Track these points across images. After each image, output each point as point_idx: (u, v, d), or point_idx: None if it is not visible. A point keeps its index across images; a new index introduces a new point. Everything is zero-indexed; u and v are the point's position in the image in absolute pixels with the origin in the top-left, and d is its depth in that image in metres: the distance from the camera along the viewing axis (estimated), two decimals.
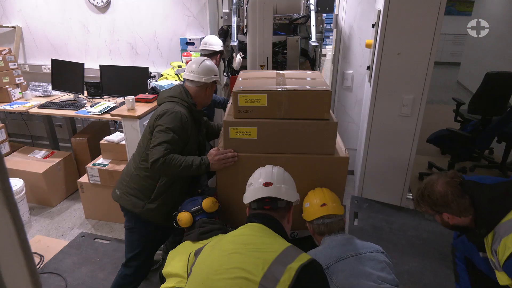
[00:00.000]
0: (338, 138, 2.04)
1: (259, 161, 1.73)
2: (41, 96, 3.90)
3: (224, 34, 3.36)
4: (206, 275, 1.20)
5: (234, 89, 1.85)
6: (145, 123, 2.67)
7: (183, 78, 2.16)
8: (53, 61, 3.87)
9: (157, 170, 1.88)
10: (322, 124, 1.85)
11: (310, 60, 3.12)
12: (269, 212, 1.43)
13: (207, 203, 1.92)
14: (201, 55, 3.16)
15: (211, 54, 3.09)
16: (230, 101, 2.08)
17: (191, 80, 2.11)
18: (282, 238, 1.34)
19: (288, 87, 1.84)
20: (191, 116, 2.05)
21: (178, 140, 1.92)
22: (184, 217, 1.89)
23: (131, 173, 2.05)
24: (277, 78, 2.03)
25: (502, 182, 1.60)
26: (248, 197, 1.49)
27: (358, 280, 1.47)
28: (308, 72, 2.33)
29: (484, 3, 7.29)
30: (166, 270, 1.71)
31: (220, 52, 3.14)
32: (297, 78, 2.07)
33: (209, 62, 2.14)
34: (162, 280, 1.74)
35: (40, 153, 3.64)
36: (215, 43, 3.11)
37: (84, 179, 3.19)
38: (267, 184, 1.47)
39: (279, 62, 3.07)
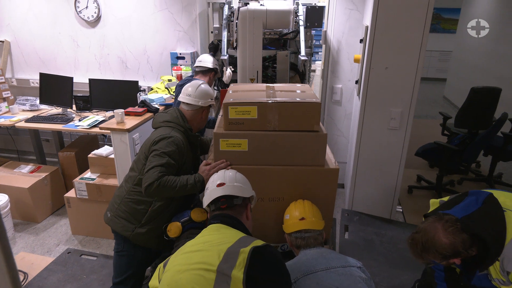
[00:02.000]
0: (328, 150, 2.05)
1: (249, 173, 1.73)
2: (28, 110, 3.86)
3: (214, 48, 3.39)
4: (171, 277, 1.24)
5: (225, 101, 1.86)
6: (135, 136, 2.66)
7: (179, 101, 2.16)
8: (41, 75, 3.84)
9: (152, 193, 1.83)
10: (312, 136, 1.86)
11: (300, 74, 3.15)
12: (226, 211, 1.50)
13: (195, 212, 1.91)
14: (196, 71, 3.15)
15: (205, 71, 3.08)
16: (221, 113, 2.08)
17: (187, 103, 2.11)
18: (238, 231, 1.39)
19: (278, 99, 1.85)
20: (187, 141, 2.04)
21: (173, 165, 1.90)
22: (173, 227, 1.88)
23: (123, 197, 2.02)
24: (267, 91, 2.05)
25: (487, 203, 1.58)
26: (205, 200, 1.57)
27: None
28: (298, 85, 2.35)
29: (467, 21, 7.49)
30: (151, 283, 1.68)
31: (215, 70, 3.13)
32: (287, 91, 2.09)
33: (205, 86, 2.14)
34: None
35: (26, 168, 3.57)
36: (210, 61, 3.10)
37: (71, 193, 3.13)
38: (220, 185, 1.56)
39: (269, 76, 3.10)
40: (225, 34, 3.13)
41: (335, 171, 1.92)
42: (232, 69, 3.05)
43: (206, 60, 3.10)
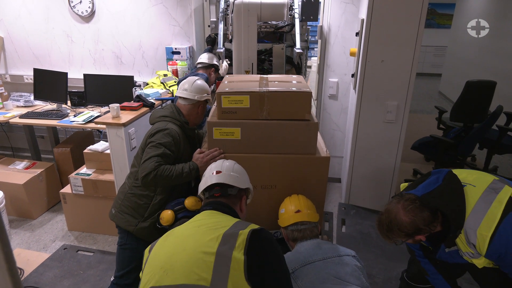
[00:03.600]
0: (320, 139, 2.10)
1: (242, 161, 1.74)
2: (22, 106, 3.82)
3: (212, 42, 3.45)
4: (164, 260, 1.20)
5: (218, 91, 1.90)
6: (130, 130, 2.64)
7: (176, 96, 2.20)
8: (35, 70, 3.81)
9: (149, 183, 1.86)
10: (303, 125, 1.90)
11: (296, 67, 3.16)
12: (220, 199, 1.49)
13: (189, 201, 1.89)
14: (197, 68, 3.26)
15: (206, 67, 3.21)
16: (215, 103, 2.10)
17: (184, 98, 2.14)
18: (232, 216, 1.39)
19: (270, 88, 1.89)
20: (183, 134, 2.07)
21: (169, 155, 1.92)
22: (166, 215, 1.86)
23: (126, 192, 2.06)
24: (261, 81, 2.09)
25: (447, 180, 1.66)
26: (201, 186, 1.58)
27: (323, 284, 1.46)
28: (292, 76, 2.38)
29: (462, 16, 7.53)
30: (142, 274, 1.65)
31: (215, 66, 3.24)
32: (279, 81, 2.13)
33: (200, 82, 2.18)
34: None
35: (21, 164, 3.54)
36: (210, 57, 3.24)
37: (67, 189, 3.11)
38: (216, 172, 1.56)
39: (265, 69, 3.11)
40: (221, 27, 3.15)
41: (326, 160, 1.96)
42: (228, 62, 3.08)
43: (207, 57, 3.25)
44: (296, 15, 3.04)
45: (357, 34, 3.07)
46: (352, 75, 3.23)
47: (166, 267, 1.16)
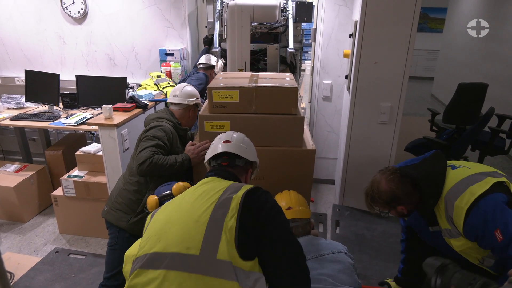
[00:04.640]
0: (307, 132, 2.18)
1: None
2: (13, 108, 3.77)
3: (209, 42, 3.58)
4: (160, 227, 1.23)
5: (209, 86, 1.99)
6: (123, 132, 2.62)
7: (168, 103, 2.31)
8: (27, 72, 3.77)
9: (145, 172, 1.91)
10: (289, 119, 2.00)
11: (289, 66, 3.20)
12: (226, 168, 1.47)
13: (178, 187, 1.78)
14: (198, 68, 3.39)
15: (207, 68, 3.35)
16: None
17: (175, 104, 2.24)
18: (229, 181, 1.36)
19: (258, 84, 1.98)
20: (176, 133, 2.16)
21: (163, 146, 2.00)
22: (150, 201, 1.75)
23: (120, 188, 2.11)
24: (251, 78, 2.18)
25: (431, 156, 1.77)
26: (208, 154, 1.57)
27: (315, 284, 1.44)
28: (281, 73, 2.48)
29: (454, 20, 7.62)
30: (128, 252, 1.58)
31: (215, 67, 3.35)
32: (268, 78, 2.22)
33: (190, 88, 2.29)
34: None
35: (12, 167, 3.49)
36: (211, 59, 3.36)
37: (58, 192, 3.07)
38: (226, 141, 1.54)
39: (260, 69, 3.13)
40: (217, 27, 3.19)
41: (312, 152, 2.04)
42: (224, 61, 3.14)
43: (208, 59, 3.38)
44: (290, 16, 3.07)
45: (350, 35, 3.08)
46: (346, 77, 3.24)
47: (160, 234, 1.19)
